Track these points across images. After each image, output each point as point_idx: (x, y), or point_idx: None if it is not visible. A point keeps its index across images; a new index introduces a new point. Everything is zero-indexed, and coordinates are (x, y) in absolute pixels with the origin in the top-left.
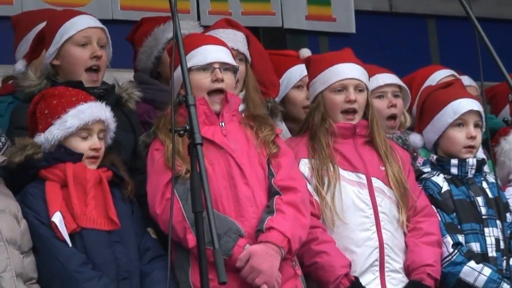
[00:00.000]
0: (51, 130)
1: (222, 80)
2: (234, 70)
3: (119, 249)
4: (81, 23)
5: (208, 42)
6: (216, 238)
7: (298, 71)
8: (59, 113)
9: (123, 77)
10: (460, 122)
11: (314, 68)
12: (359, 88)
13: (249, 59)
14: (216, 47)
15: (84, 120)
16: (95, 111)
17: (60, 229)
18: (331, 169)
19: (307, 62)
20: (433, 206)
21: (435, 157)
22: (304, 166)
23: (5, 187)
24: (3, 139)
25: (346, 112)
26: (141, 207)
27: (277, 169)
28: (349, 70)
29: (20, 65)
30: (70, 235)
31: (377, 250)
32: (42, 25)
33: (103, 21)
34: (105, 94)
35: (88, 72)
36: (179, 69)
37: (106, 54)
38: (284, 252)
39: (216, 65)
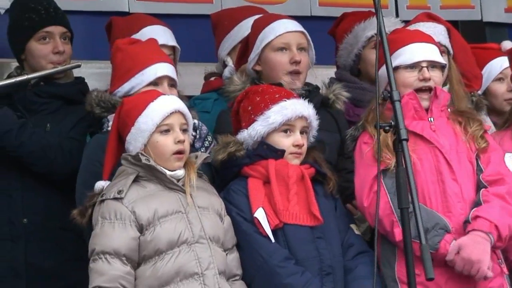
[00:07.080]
0: (254, 126)
1: (430, 79)
2: (441, 66)
3: (322, 245)
4: (279, 28)
5: (415, 40)
6: (423, 234)
7: (499, 63)
8: (262, 109)
9: (322, 74)
10: None
11: None
12: None
13: (451, 51)
14: (423, 45)
15: (287, 116)
16: (298, 107)
17: (263, 225)
18: None
19: (510, 54)
20: None
21: None
22: (509, 159)
23: (209, 184)
24: (209, 138)
25: None
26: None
27: (486, 165)
28: None
29: (227, 72)
30: (273, 231)
31: None
32: (244, 22)
33: (301, 18)
34: (308, 95)
35: (290, 74)
36: (383, 65)
37: (307, 57)
38: (494, 239)
39: (424, 64)
